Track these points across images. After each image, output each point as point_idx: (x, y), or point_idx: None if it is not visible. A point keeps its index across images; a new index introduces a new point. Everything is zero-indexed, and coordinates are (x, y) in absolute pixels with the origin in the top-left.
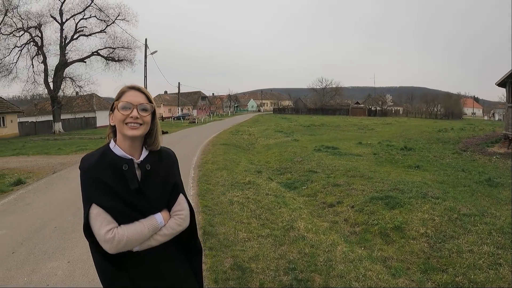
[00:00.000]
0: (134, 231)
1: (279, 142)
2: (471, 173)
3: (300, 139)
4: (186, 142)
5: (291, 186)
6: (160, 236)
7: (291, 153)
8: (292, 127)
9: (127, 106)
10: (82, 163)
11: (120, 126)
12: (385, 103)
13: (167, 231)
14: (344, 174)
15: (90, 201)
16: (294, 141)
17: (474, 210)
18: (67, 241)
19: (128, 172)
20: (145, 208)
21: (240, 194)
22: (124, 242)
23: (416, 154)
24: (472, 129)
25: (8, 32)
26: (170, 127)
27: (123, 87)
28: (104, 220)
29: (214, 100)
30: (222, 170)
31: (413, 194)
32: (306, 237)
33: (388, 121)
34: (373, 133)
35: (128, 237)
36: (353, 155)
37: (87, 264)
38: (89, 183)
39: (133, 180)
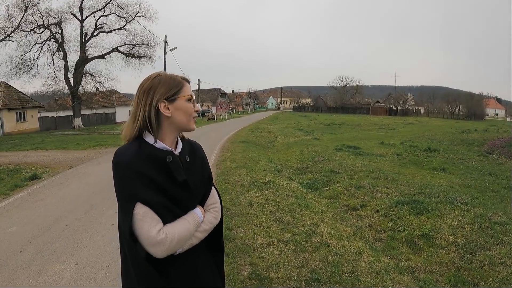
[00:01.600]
0: (182, 229)
1: (299, 140)
2: (499, 178)
3: (321, 138)
4: (205, 139)
5: (312, 187)
6: (200, 233)
7: (312, 152)
8: (312, 125)
9: (191, 99)
10: (119, 156)
11: (188, 119)
12: (406, 103)
13: (207, 226)
14: (367, 175)
15: (135, 199)
16: (315, 139)
17: (505, 218)
18: (76, 241)
19: (173, 164)
20: (188, 202)
21: (260, 195)
22: (175, 243)
23: (440, 155)
24: (495, 131)
25: (29, 29)
26: None
27: (177, 77)
28: (153, 220)
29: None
30: (241, 169)
31: (440, 199)
32: (329, 244)
33: (409, 121)
34: (394, 133)
35: (179, 236)
36: (376, 155)
37: (96, 267)
38: (131, 178)
39: (179, 172)
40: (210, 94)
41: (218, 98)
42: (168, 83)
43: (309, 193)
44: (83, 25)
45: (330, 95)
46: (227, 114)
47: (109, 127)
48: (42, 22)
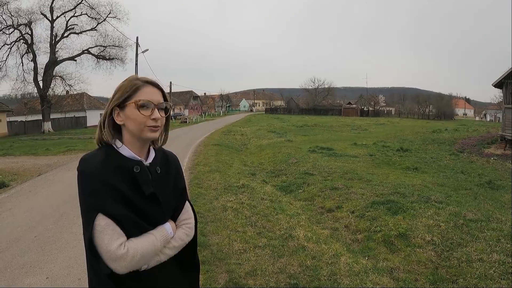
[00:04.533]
0: (147, 244)
1: (272, 142)
2: (471, 175)
3: (294, 140)
4: (177, 142)
5: (287, 190)
6: (169, 249)
7: (285, 154)
8: (285, 127)
9: (147, 105)
10: (84, 164)
11: (139, 129)
12: (378, 104)
13: (176, 243)
14: (341, 176)
15: (97, 210)
16: (288, 141)
17: (480, 215)
18: (46, 253)
19: (141, 175)
20: (156, 216)
21: (234, 199)
22: (138, 258)
23: (413, 155)
24: (465, 130)
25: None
26: None
27: (135, 80)
28: (114, 233)
29: (206, 100)
30: (214, 173)
31: (415, 198)
32: (306, 247)
33: (381, 122)
34: (367, 134)
35: (142, 251)
36: (349, 156)
37: (67, 280)
38: (95, 188)
39: (147, 184)
40: (183, 97)
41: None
42: (125, 87)
43: (284, 196)
44: (53, 25)
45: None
46: (200, 117)
47: (80, 131)
48: (12, 22)
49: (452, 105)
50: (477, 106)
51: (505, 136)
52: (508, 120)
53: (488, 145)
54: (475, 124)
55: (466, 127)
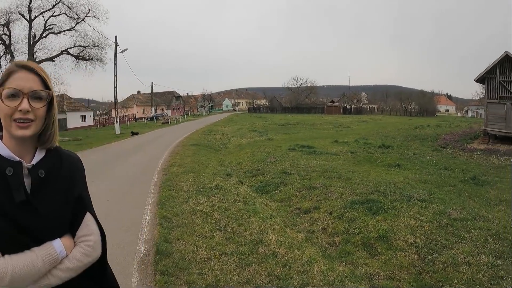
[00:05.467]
0: (22, 263)
1: (252, 141)
2: (454, 171)
3: (274, 138)
4: (156, 143)
5: (263, 190)
6: (62, 272)
7: (264, 153)
8: (266, 126)
9: (14, 93)
10: None
11: (6, 122)
12: (360, 101)
13: (71, 264)
14: (320, 175)
15: None
16: (268, 140)
17: (465, 213)
18: None
19: (13, 179)
20: (41, 231)
21: (205, 202)
22: (8, 280)
23: (395, 152)
24: (448, 126)
25: None
26: (142, 128)
27: (12, 65)
28: None
29: (188, 100)
30: (188, 174)
31: (396, 197)
32: (277, 254)
33: (363, 119)
34: (349, 131)
35: (13, 271)
36: (330, 154)
37: None
38: None
39: (18, 190)
40: (165, 97)
41: (173, 101)
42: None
43: (259, 197)
44: (31, 26)
45: (285, 95)
46: (182, 117)
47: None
48: None
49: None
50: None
51: (488, 131)
52: (491, 115)
53: (471, 140)
54: (457, 120)
55: (448, 123)
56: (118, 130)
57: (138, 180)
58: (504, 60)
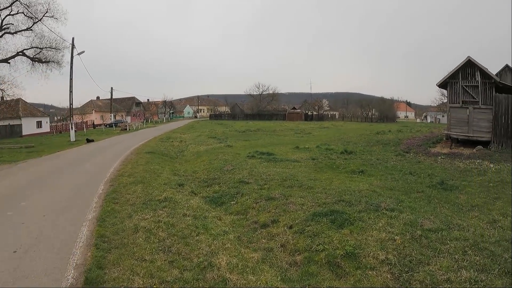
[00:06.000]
0: None
1: (210, 148)
2: (420, 176)
3: (234, 145)
4: (109, 151)
5: (218, 201)
6: None
7: (222, 161)
8: (227, 132)
9: None
10: None
11: None
12: (322, 108)
13: None
14: (280, 184)
15: None
16: (227, 147)
17: (438, 222)
18: None
19: None
20: None
21: (150, 217)
22: None
23: (358, 157)
24: (409, 131)
25: None
26: (100, 135)
27: None
28: None
29: (149, 107)
30: (137, 184)
31: (363, 207)
32: (228, 280)
33: (325, 125)
34: (310, 137)
35: None
36: (290, 161)
37: None
38: None
39: None
40: (125, 103)
41: (133, 108)
42: None
43: (212, 210)
44: None
45: (247, 102)
46: (142, 124)
47: (14, 141)
48: None
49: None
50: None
51: (451, 134)
52: (454, 119)
53: (434, 144)
54: (417, 125)
55: (408, 128)
56: (73, 137)
57: (82, 192)
58: (466, 65)
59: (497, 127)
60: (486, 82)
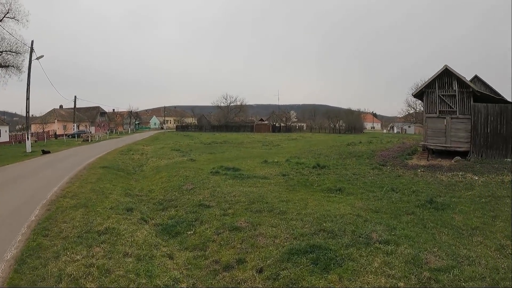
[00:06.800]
0: None
1: (172, 163)
2: (405, 194)
3: (197, 159)
4: (62, 164)
5: (172, 231)
6: None
7: (182, 177)
8: (191, 145)
9: None
10: None
11: None
12: (289, 119)
13: None
14: (246, 208)
15: None
16: (190, 161)
17: (444, 256)
18: None
19: None
20: None
21: (82, 258)
22: None
23: (332, 172)
24: (379, 142)
25: None
26: (60, 146)
27: None
28: None
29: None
30: (78, 209)
31: (349, 239)
32: None
33: (293, 137)
34: (279, 150)
35: None
36: (258, 177)
37: None
38: None
39: None
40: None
41: (97, 118)
42: None
43: (163, 244)
44: None
45: (214, 114)
46: (105, 135)
47: None
48: None
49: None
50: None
51: (428, 145)
52: (430, 129)
53: (410, 156)
54: (385, 136)
55: (379, 139)
56: (29, 148)
57: (10, 220)
58: (443, 74)
59: (476, 137)
60: (464, 91)
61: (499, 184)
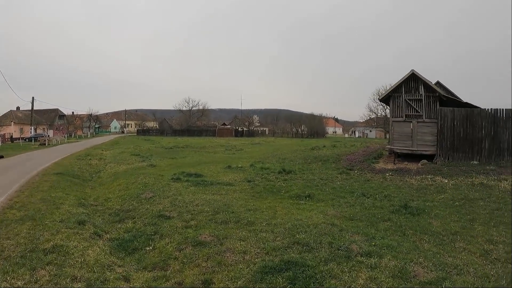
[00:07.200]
0: None
1: (131, 168)
2: (377, 199)
3: (158, 164)
4: (15, 170)
5: (129, 247)
6: None
7: (141, 185)
8: (152, 149)
9: None
10: None
11: None
12: (252, 124)
13: None
14: (211, 219)
15: None
16: (150, 166)
17: (431, 266)
18: None
19: None
20: None
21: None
22: None
23: (299, 177)
24: (343, 146)
25: None
26: (14, 150)
27: None
28: None
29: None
30: (25, 222)
31: (327, 252)
32: None
33: (256, 141)
34: (242, 154)
35: None
36: (222, 184)
37: None
38: None
39: None
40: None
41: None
42: None
43: (118, 264)
44: None
45: (176, 118)
46: (64, 139)
47: None
48: None
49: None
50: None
51: (394, 149)
52: (397, 133)
53: (376, 160)
54: (348, 140)
55: (342, 143)
56: None
57: None
58: (409, 78)
59: (442, 140)
60: (430, 95)
61: (470, 186)
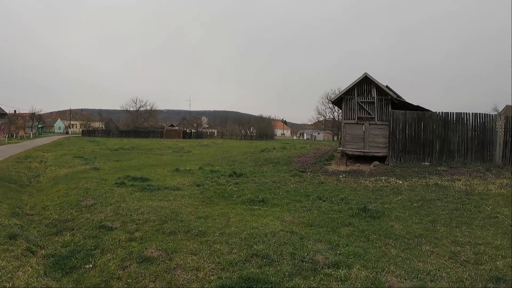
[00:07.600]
0: None
1: (72, 172)
2: (333, 202)
3: (102, 167)
4: None
5: (66, 265)
6: None
7: (82, 190)
8: (97, 151)
9: None
10: None
11: None
12: (201, 126)
13: None
14: (158, 229)
15: None
16: (93, 170)
17: (404, 274)
18: None
19: None
20: None
21: None
22: None
23: (250, 181)
24: (293, 148)
25: None
26: None
27: None
28: None
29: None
30: None
31: (291, 265)
32: None
33: (204, 143)
34: (191, 156)
35: None
36: (170, 189)
37: None
38: None
39: None
40: None
41: None
42: None
43: (53, 287)
44: None
45: (123, 118)
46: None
47: None
48: None
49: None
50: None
51: (346, 151)
52: (349, 135)
53: (328, 162)
54: (297, 142)
55: (291, 145)
56: None
57: None
58: (362, 81)
59: (394, 142)
60: (383, 98)
61: (425, 187)
